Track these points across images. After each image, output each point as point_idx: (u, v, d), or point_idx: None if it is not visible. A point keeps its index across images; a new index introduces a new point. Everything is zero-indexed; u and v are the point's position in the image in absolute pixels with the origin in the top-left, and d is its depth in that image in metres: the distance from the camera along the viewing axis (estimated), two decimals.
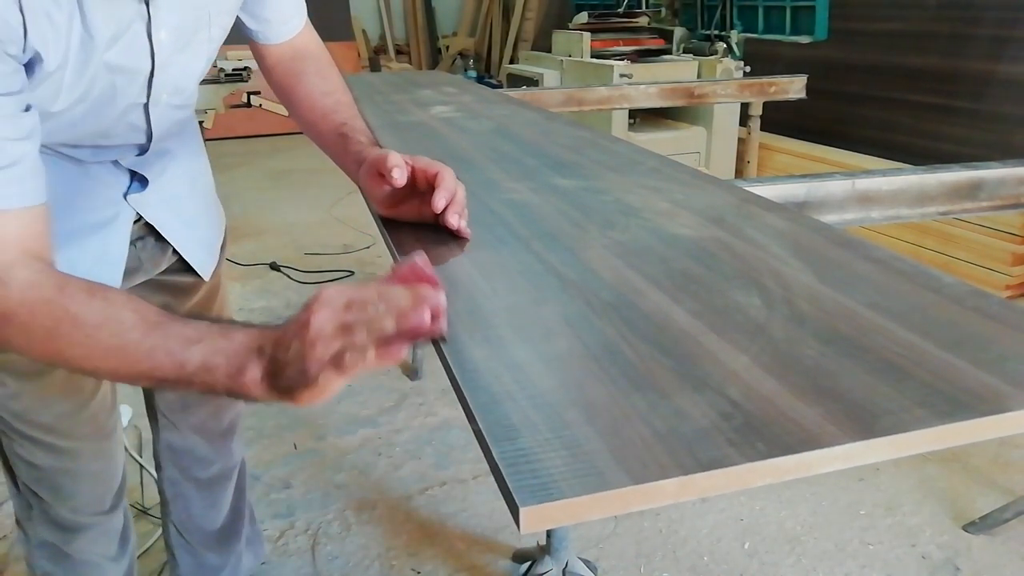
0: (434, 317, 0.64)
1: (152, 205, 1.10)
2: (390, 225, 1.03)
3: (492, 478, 0.53)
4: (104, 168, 1.04)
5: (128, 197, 1.07)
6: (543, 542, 1.68)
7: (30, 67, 0.76)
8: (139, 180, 1.08)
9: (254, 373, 0.68)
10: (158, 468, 1.44)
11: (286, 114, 1.31)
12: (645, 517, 1.91)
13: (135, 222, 1.09)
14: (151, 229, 1.12)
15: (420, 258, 0.70)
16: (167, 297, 1.20)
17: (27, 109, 0.76)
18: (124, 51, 0.86)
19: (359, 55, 7.71)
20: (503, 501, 0.50)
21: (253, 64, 4.47)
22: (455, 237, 0.98)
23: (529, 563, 1.68)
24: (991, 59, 3.59)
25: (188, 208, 1.18)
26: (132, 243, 1.09)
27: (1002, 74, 3.56)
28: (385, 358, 0.64)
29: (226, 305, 1.40)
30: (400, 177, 0.92)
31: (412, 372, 2.61)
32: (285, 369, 0.66)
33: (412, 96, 2.24)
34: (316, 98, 1.15)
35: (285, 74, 1.17)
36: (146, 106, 0.98)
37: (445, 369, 0.69)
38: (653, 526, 1.89)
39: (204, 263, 1.22)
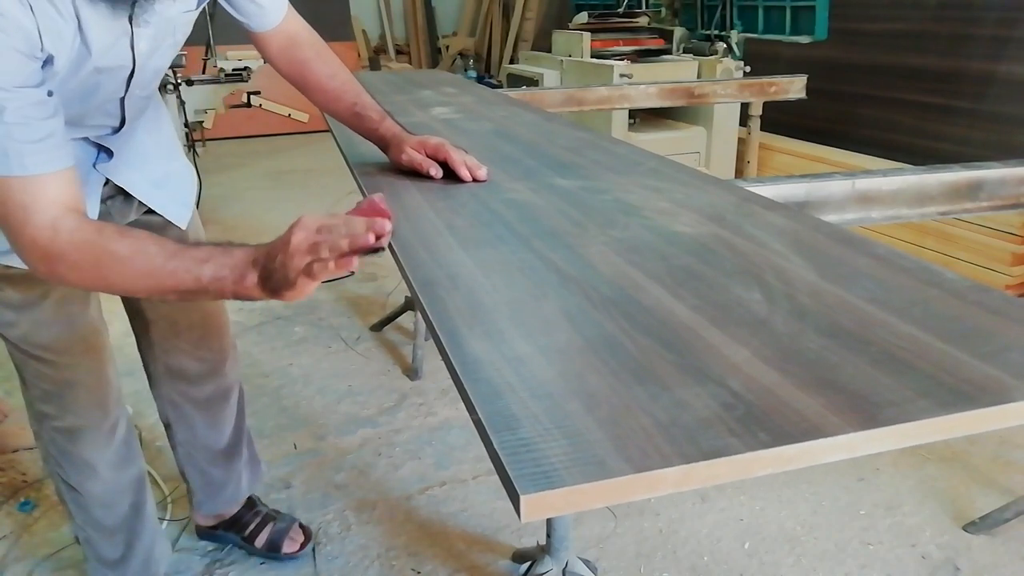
0: (379, 237, 0.84)
1: (120, 171, 1.30)
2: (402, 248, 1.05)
3: (492, 478, 0.53)
4: (76, 145, 1.21)
5: (96, 166, 1.27)
6: (543, 542, 1.68)
7: (45, 65, 0.96)
8: (106, 152, 1.27)
9: (252, 279, 0.89)
10: (157, 396, 1.64)
11: (286, 114, 1.45)
12: (645, 517, 1.91)
13: (105, 184, 1.29)
14: (119, 190, 1.32)
15: (378, 196, 0.91)
16: None
17: (49, 94, 0.94)
18: (110, 59, 1.07)
19: (359, 55, 7.71)
20: (503, 501, 0.51)
21: (253, 64, 4.46)
22: (454, 236, 1.01)
23: (529, 563, 1.67)
24: (991, 59, 3.59)
25: (156, 170, 1.38)
26: (104, 200, 1.30)
27: (1002, 74, 3.56)
28: (342, 267, 0.85)
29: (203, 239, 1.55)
30: (437, 174, 1.28)
31: (412, 372, 2.61)
32: (273, 275, 0.87)
33: (412, 96, 2.24)
34: (324, 82, 1.39)
35: (290, 62, 1.39)
36: (122, 99, 1.20)
37: (445, 363, 0.69)
38: (653, 526, 1.88)
39: (179, 214, 1.42)
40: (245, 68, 4.02)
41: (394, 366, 2.69)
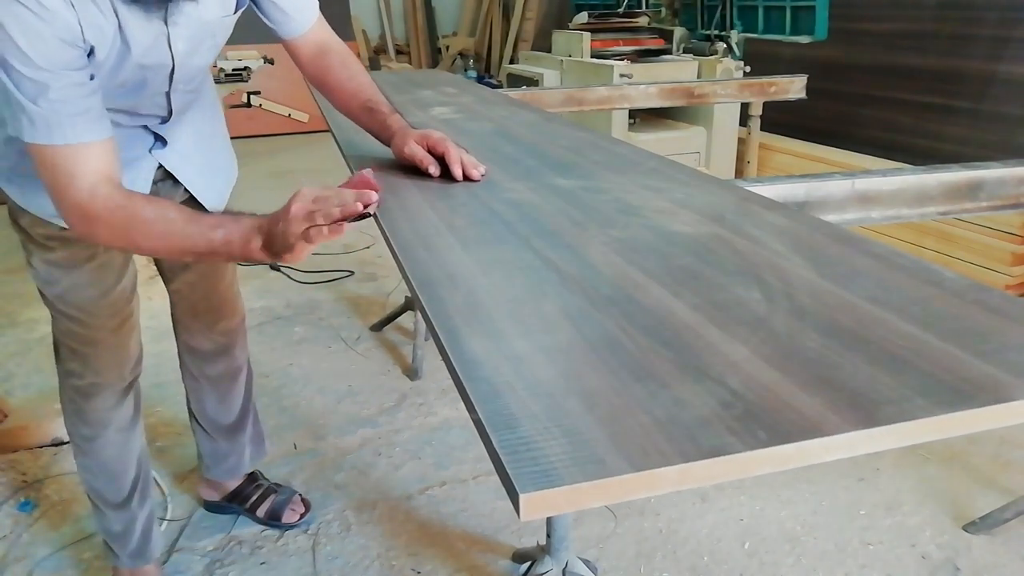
0: (366, 206, 0.97)
1: (170, 158, 1.45)
2: (401, 248, 1.04)
3: (492, 478, 0.53)
4: (135, 131, 1.38)
5: (152, 152, 1.42)
6: (543, 542, 1.68)
7: (89, 55, 1.08)
8: (161, 140, 1.42)
9: (257, 243, 1.02)
10: (182, 368, 1.84)
11: (286, 114, 1.51)
12: (645, 517, 1.91)
13: (156, 169, 1.43)
14: (169, 174, 1.46)
15: (367, 171, 1.01)
16: None
17: (91, 78, 1.08)
18: (152, 57, 1.19)
19: (359, 55, 7.71)
20: (503, 501, 0.51)
21: (253, 64, 4.48)
22: (454, 236, 1.01)
23: (529, 563, 1.68)
24: (991, 59, 3.59)
25: (200, 161, 1.52)
26: (154, 182, 1.44)
27: (1002, 74, 3.56)
28: (334, 232, 0.97)
29: None
30: (435, 172, 1.30)
31: (412, 372, 2.61)
32: (275, 240, 1.00)
33: (412, 96, 2.24)
34: (343, 83, 1.48)
35: (316, 68, 1.49)
36: (167, 93, 1.32)
37: (445, 362, 0.69)
38: (653, 526, 1.88)
39: (213, 202, 1.54)
40: (245, 68, 4.02)
41: (394, 366, 2.69)
